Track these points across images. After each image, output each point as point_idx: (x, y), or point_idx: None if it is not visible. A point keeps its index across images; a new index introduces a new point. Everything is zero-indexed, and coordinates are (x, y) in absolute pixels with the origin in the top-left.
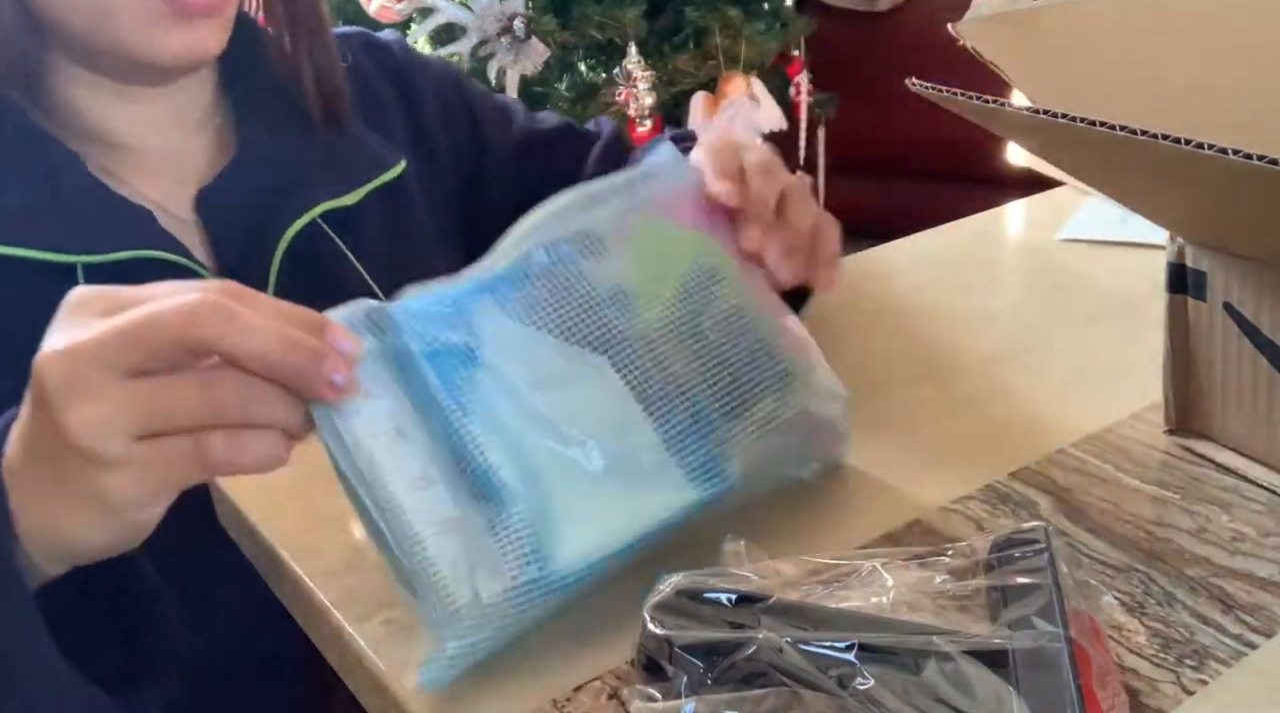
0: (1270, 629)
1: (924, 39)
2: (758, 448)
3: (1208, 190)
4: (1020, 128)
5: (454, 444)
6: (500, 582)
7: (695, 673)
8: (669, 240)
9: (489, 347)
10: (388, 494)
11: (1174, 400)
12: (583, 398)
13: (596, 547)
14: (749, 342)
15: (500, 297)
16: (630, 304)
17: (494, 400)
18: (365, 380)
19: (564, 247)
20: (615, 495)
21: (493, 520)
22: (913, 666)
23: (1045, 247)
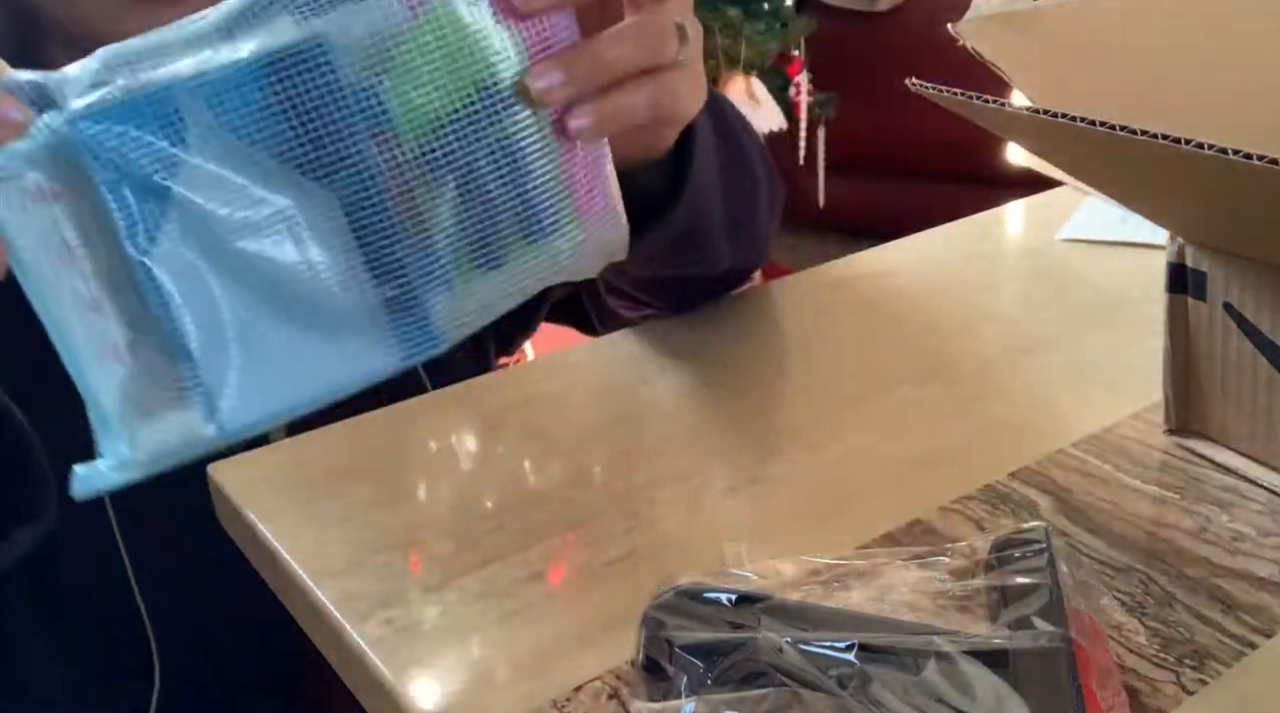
0: (1270, 629)
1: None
2: (480, 304)
3: (1208, 190)
4: (1020, 128)
5: (127, 277)
6: (162, 437)
7: (695, 673)
8: (464, 44)
9: (186, 174)
10: (53, 316)
11: (1174, 400)
12: (295, 246)
13: (272, 413)
14: (520, 186)
15: (220, 101)
16: (388, 128)
17: (180, 238)
18: (37, 172)
19: (317, 32)
20: (308, 359)
21: (165, 368)
22: (913, 666)
23: (1045, 247)
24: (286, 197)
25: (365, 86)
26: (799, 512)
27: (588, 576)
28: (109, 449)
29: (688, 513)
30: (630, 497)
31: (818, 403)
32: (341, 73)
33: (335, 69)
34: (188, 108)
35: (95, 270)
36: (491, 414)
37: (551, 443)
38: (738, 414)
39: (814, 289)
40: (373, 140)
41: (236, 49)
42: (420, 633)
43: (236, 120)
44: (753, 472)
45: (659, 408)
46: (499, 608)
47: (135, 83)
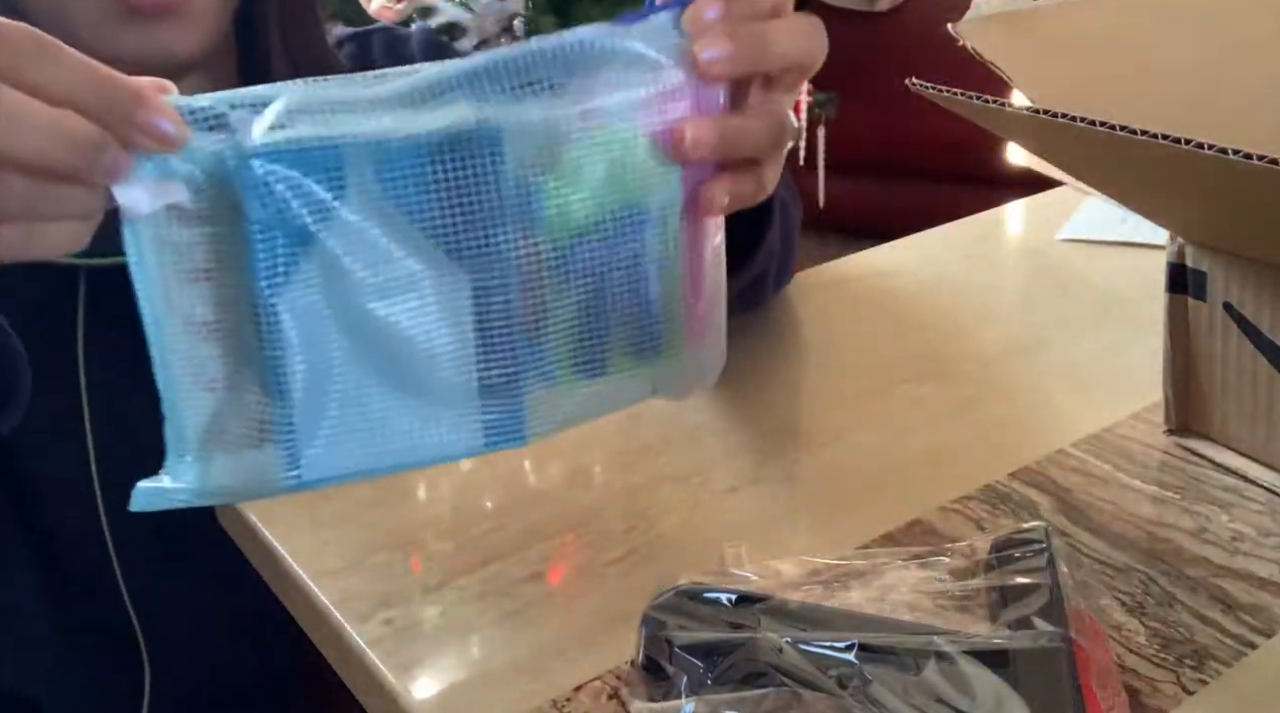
0: (1270, 629)
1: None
2: (574, 410)
3: (1208, 190)
4: (1020, 128)
5: (253, 314)
6: (236, 474)
7: (695, 673)
8: (625, 163)
9: (337, 228)
10: (161, 334)
11: (1174, 400)
12: (418, 316)
13: (349, 472)
14: (641, 303)
15: (387, 168)
16: (533, 227)
17: (313, 288)
18: (187, 192)
19: (493, 124)
20: (398, 426)
21: (259, 408)
22: (913, 666)
23: (1045, 247)
24: (424, 269)
25: (526, 182)
26: (799, 512)
27: (588, 576)
28: (179, 472)
29: (688, 513)
30: (630, 497)
31: (818, 403)
32: (508, 163)
33: (503, 158)
34: (354, 166)
35: (218, 300)
36: None
37: (551, 443)
38: (738, 414)
39: (814, 289)
40: (518, 233)
41: (415, 119)
42: (420, 633)
43: (397, 188)
44: (753, 472)
45: (659, 408)
46: (499, 608)
47: (313, 133)
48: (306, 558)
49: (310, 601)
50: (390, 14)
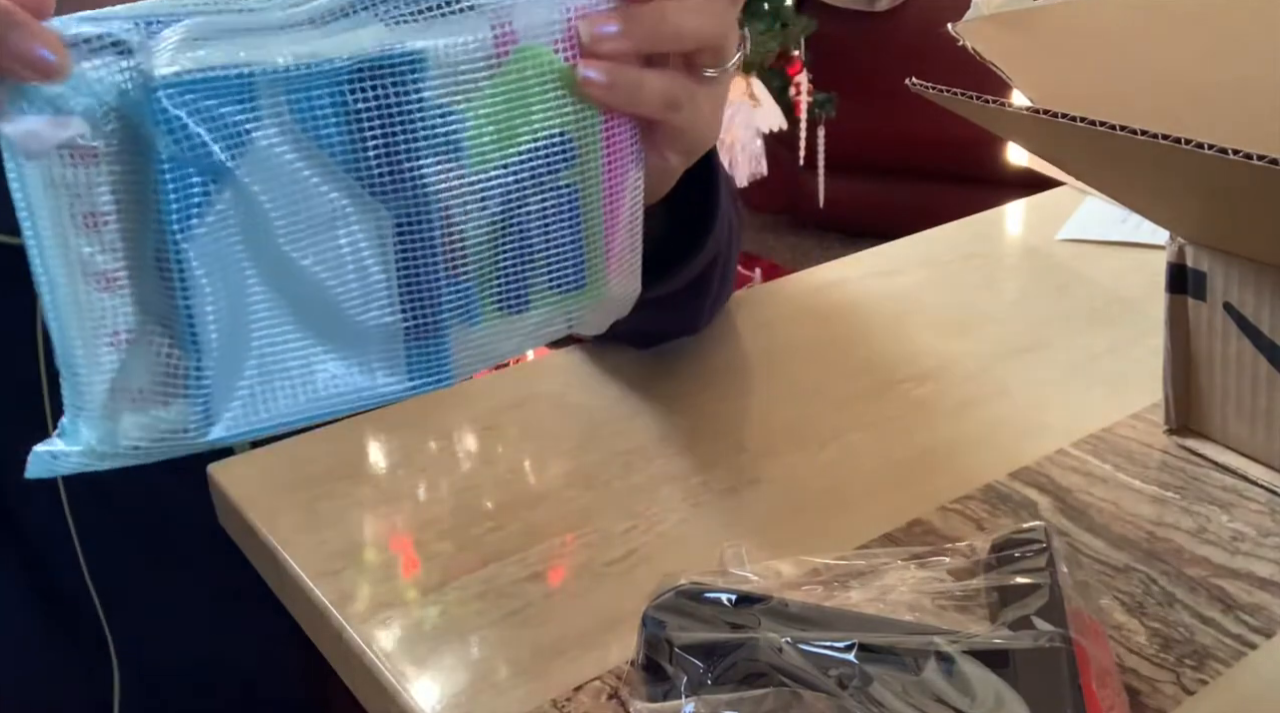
0: (1270, 629)
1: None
2: (497, 346)
3: (1208, 190)
4: (1020, 128)
5: (160, 259)
6: (147, 432)
7: (695, 673)
8: (543, 87)
9: (251, 163)
10: (54, 286)
11: (1174, 400)
12: (338, 256)
13: (270, 422)
14: (561, 235)
15: (304, 100)
16: (457, 157)
17: (226, 229)
18: (84, 127)
19: (415, 49)
20: (319, 372)
21: (169, 362)
22: (913, 666)
23: (1045, 247)
24: (344, 205)
25: (446, 112)
26: (799, 512)
27: (588, 576)
28: (77, 434)
29: (688, 513)
30: (630, 497)
31: (818, 403)
32: (427, 90)
33: (421, 88)
34: (268, 95)
35: (120, 245)
36: (491, 414)
37: (551, 443)
38: (737, 414)
39: (814, 289)
40: (439, 164)
41: (329, 43)
42: (420, 633)
43: (314, 118)
44: (753, 472)
45: (659, 409)
46: (499, 608)
47: (223, 59)
48: (306, 558)
49: (310, 600)
50: None
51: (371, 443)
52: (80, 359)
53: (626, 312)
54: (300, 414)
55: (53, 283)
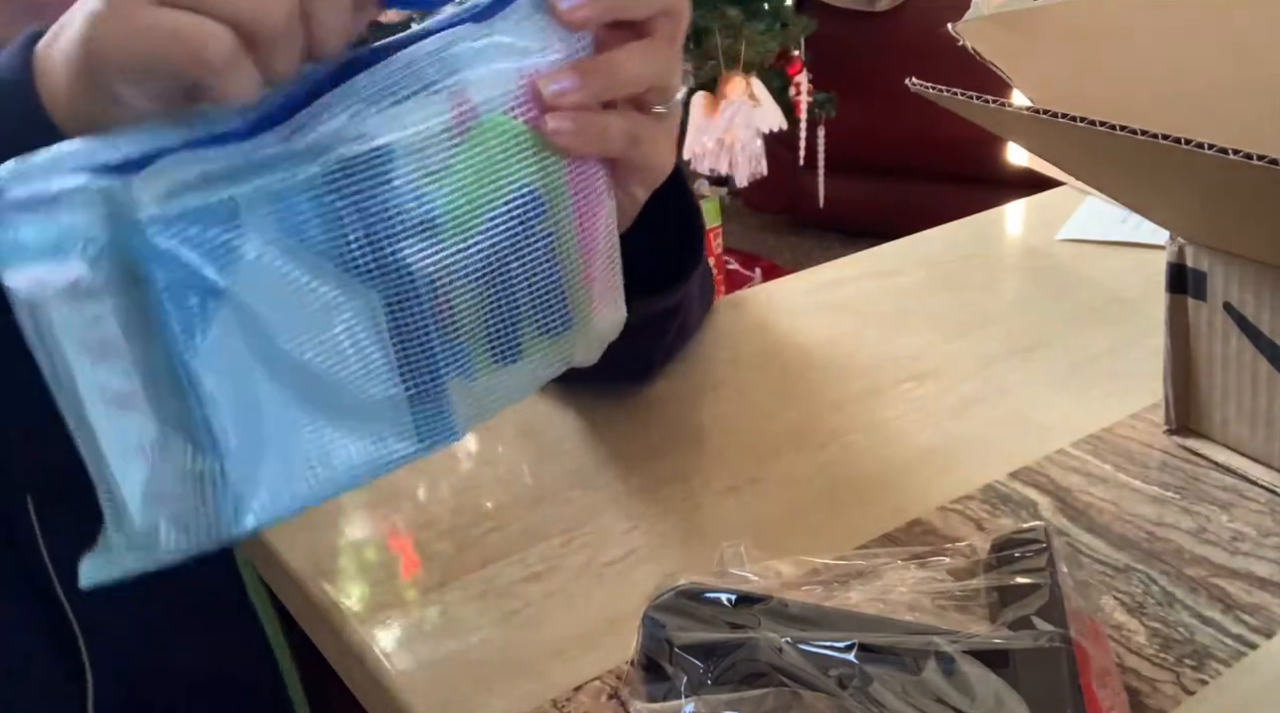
0: (1270, 629)
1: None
2: (497, 396)
3: (1208, 190)
4: (1020, 128)
5: (171, 374)
6: (184, 533)
7: (695, 673)
8: (506, 153)
9: (244, 276)
10: (78, 411)
11: (1174, 400)
12: (336, 344)
13: (297, 504)
14: (545, 284)
15: (285, 209)
16: (435, 234)
17: (229, 340)
18: (83, 267)
19: (382, 144)
20: (336, 450)
21: (195, 466)
22: (913, 666)
23: (1045, 247)
24: (335, 296)
25: (419, 193)
26: (799, 512)
27: (588, 576)
28: (119, 544)
29: (688, 513)
30: (630, 497)
31: (817, 403)
32: (398, 180)
33: (393, 177)
34: (250, 211)
35: (132, 367)
36: None
37: (551, 443)
38: (737, 414)
39: (814, 289)
40: (418, 243)
41: (300, 154)
42: (420, 633)
43: (295, 224)
44: (753, 472)
45: (659, 408)
46: (499, 608)
47: (202, 189)
48: (306, 558)
49: (310, 600)
50: (389, 14)
51: None
52: (113, 477)
53: (615, 336)
54: (324, 492)
55: (76, 411)
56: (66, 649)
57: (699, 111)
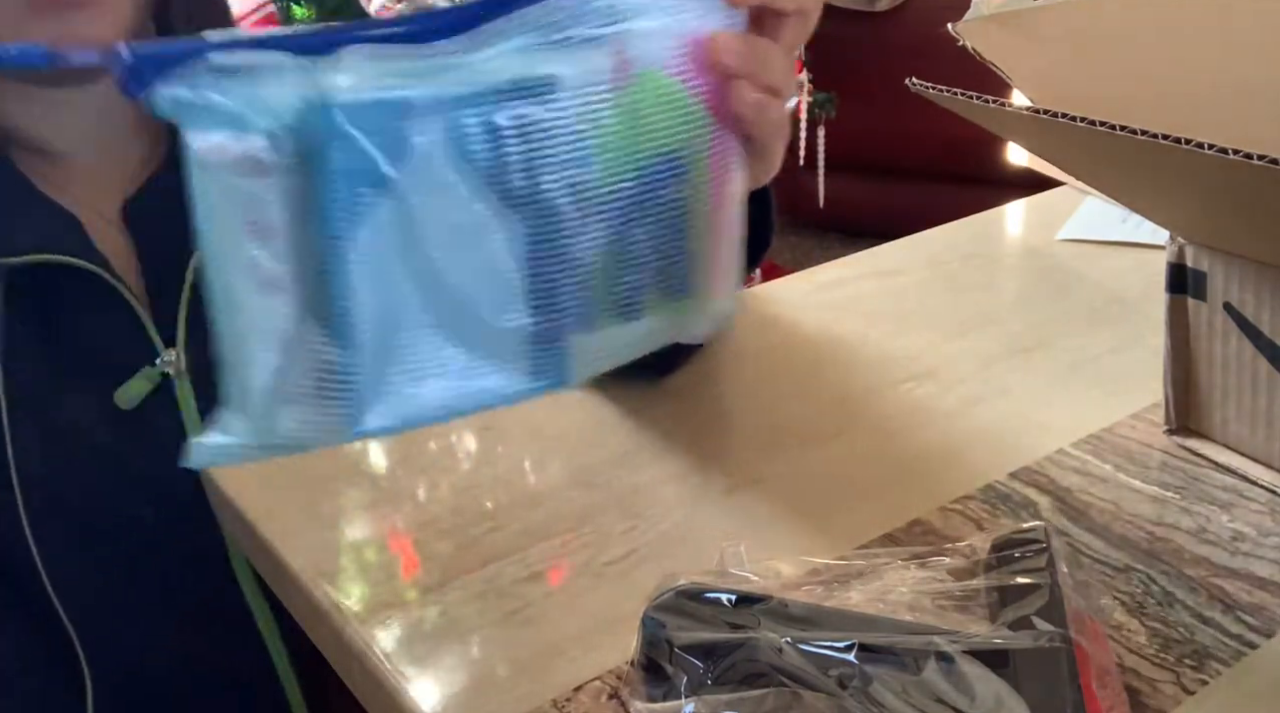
0: (1270, 629)
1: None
2: (612, 352)
3: (1208, 190)
4: (1020, 128)
5: (321, 265)
6: (302, 425)
7: (695, 673)
8: (658, 109)
9: (410, 174)
10: (227, 287)
11: (1174, 400)
12: (476, 264)
13: (408, 419)
14: (673, 247)
15: (456, 119)
16: (584, 174)
17: (383, 237)
18: (262, 141)
19: (548, 73)
20: (453, 371)
21: (323, 360)
22: (913, 666)
23: (1045, 247)
24: (486, 217)
25: (577, 129)
26: (799, 512)
27: (588, 576)
28: (236, 426)
29: (688, 513)
30: (630, 497)
31: (817, 402)
32: (562, 113)
33: (558, 108)
34: (425, 117)
35: (286, 251)
36: (491, 414)
37: (551, 443)
38: (737, 414)
39: (814, 289)
40: (569, 181)
41: (474, 69)
42: (420, 633)
43: (463, 137)
44: (753, 472)
45: (658, 408)
46: (499, 608)
47: (389, 83)
48: (306, 558)
49: (310, 600)
50: (390, 13)
51: (371, 443)
52: (243, 356)
53: (730, 321)
54: (438, 412)
55: (224, 285)
56: (64, 657)
57: None
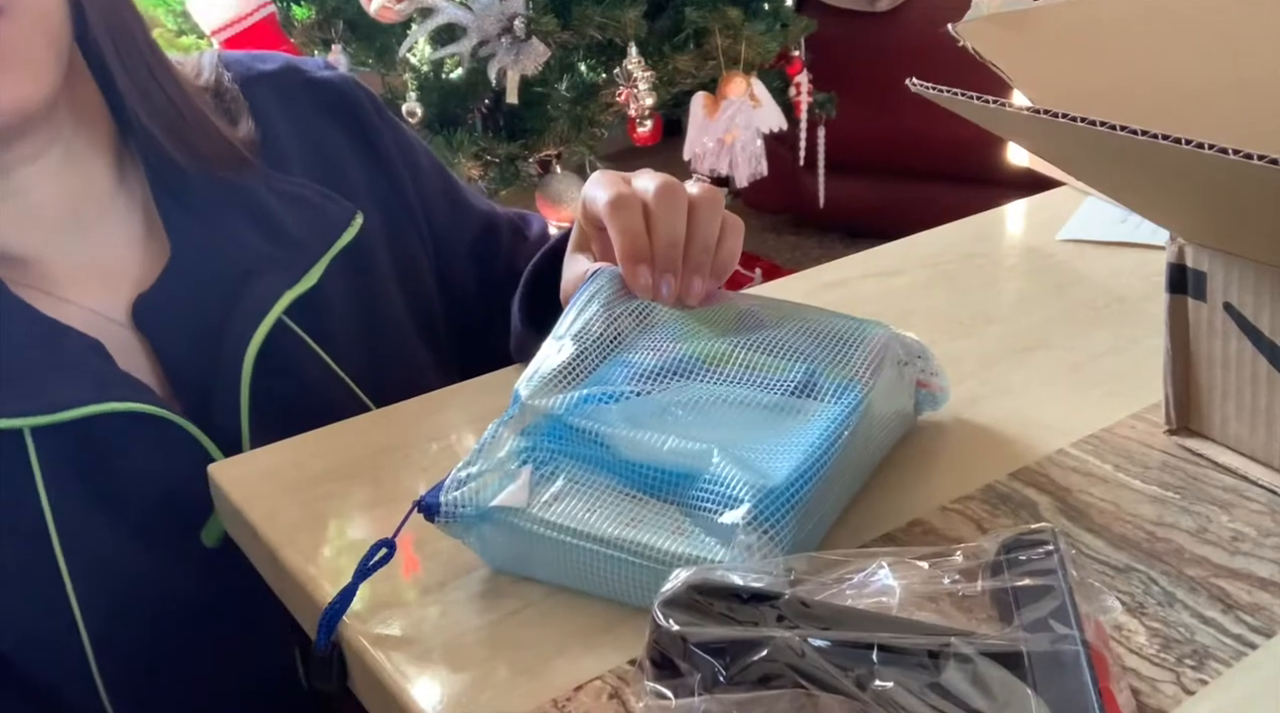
0: (1270, 629)
1: (924, 39)
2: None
3: (1208, 190)
4: (1020, 128)
5: (623, 470)
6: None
7: (709, 671)
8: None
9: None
10: (616, 540)
11: (1174, 400)
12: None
13: (802, 461)
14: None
15: (621, 462)
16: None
17: (644, 413)
18: (528, 474)
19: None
20: (783, 431)
21: (702, 488)
22: (932, 667)
23: (1045, 247)
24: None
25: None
26: None
27: None
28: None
29: None
30: None
31: None
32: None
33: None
34: (609, 448)
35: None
36: (492, 413)
37: None
38: None
39: (815, 289)
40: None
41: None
42: (420, 633)
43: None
44: None
45: None
46: (499, 608)
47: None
48: (306, 559)
49: (311, 600)
50: (390, 14)
51: (372, 443)
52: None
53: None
54: (814, 455)
55: (612, 545)
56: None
57: (699, 112)
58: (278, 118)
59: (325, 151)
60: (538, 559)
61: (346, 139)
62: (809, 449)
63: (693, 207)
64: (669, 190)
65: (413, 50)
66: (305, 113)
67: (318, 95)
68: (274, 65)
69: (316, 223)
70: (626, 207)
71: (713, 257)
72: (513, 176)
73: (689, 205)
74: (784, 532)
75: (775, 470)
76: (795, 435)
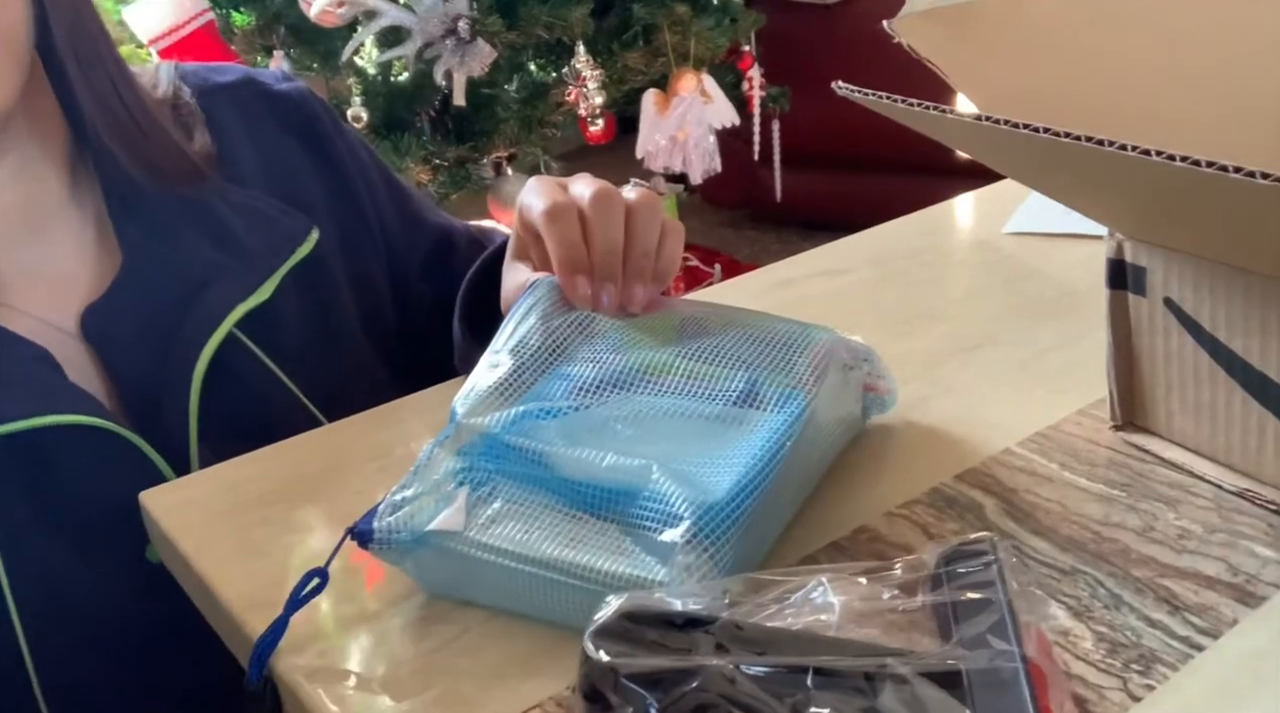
0: (1217, 630)
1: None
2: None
3: (1138, 190)
4: (947, 131)
5: (562, 489)
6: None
7: (641, 704)
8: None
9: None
10: (555, 562)
11: (1118, 396)
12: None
13: (744, 474)
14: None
15: (566, 481)
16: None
17: (581, 427)
18: (464, 496)
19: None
20: (725, 442)
21: (641, 505)
22: (868, 690)
23: (992, 241)
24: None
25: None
26: None
27: None
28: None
29: None
30: None
31: None
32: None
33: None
34: (549, 466)
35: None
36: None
37: None
38: None
39: (764, 289)
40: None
41: (599, 463)
42: (356, 664)
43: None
44: None
45: None
46: (437, 635)
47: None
48: (238, 589)
49: (242, 632)
50: (332, 18)
51: (312, 463)
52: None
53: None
54: (756, 465)
55: (532, 577)
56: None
57: (650, 109)
58: (235, 131)
59: (282, 165)
60: (476, 584)
61: (304, 152)
62: (751, 461)
63: (630, 212)
64: (605, 197)
65: (359, 54)
66: (263, 126)
67: (276, 108)
68: (231, 78)
69: (271, 236)
70: (562, 215)
71: (654, 262)
72: (463, 180)
73: (626, 211)
74: (725, 548)
75: (716, 485)
76: (737, 447)
